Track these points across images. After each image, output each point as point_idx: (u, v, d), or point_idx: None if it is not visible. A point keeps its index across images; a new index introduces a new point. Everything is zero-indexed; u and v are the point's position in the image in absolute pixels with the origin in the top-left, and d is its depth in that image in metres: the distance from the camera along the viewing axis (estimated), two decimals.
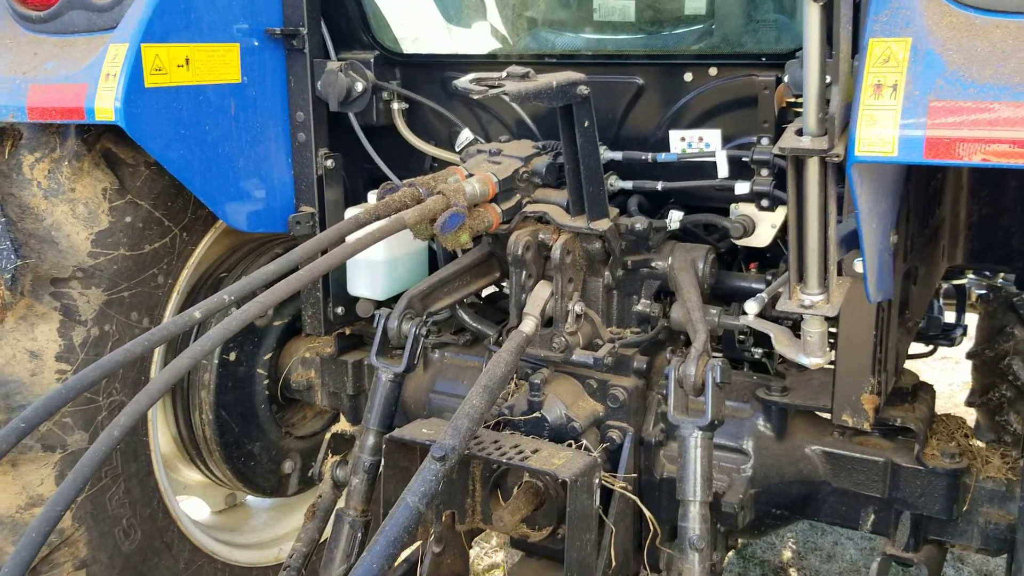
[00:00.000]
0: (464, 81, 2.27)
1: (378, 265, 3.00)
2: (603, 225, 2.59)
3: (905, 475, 2.54)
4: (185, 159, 2.66)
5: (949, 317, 4.29)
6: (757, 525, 2.78)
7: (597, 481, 2.42)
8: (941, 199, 3.17)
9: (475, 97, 2.23)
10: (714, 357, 2.38)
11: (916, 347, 4.43)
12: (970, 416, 3.40)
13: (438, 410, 3.06)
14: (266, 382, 3.46)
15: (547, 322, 2.69)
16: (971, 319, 4.66)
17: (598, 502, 2.43)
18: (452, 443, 2.21)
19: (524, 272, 2.68)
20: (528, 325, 2.60)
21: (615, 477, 2.58)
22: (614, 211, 2.67)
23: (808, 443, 2.67)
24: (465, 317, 3.02)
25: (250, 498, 3.98)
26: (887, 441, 2.64)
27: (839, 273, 1.95)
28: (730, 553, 4.68)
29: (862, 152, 1.62)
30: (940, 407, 2.80)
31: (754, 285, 2.81)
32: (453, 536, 2.74)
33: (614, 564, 2.51)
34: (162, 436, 3.49)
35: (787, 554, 4.71)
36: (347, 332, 3.36)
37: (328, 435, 3.14)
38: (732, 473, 2.71)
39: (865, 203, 1.74)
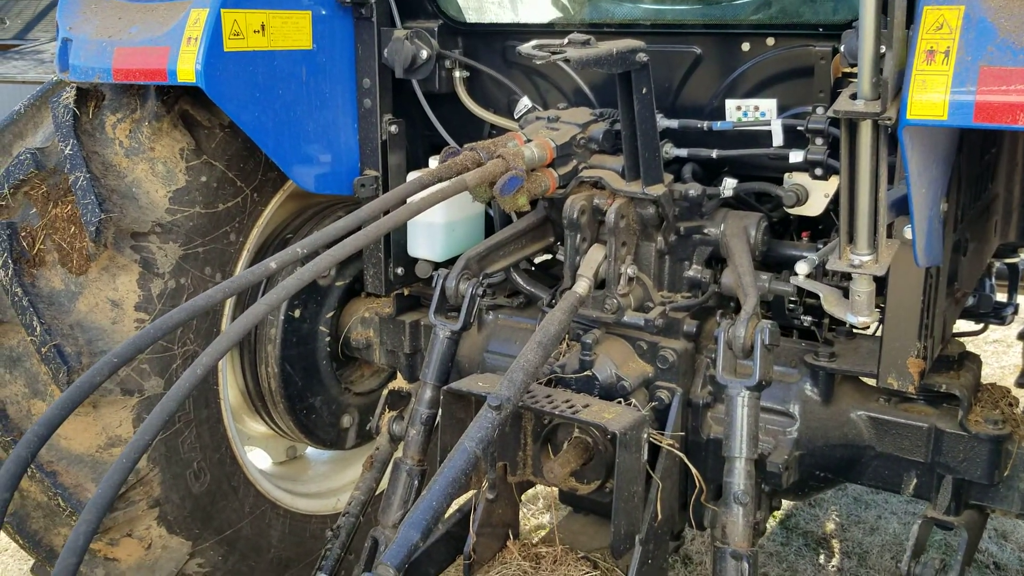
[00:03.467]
0: (527, 47, 2.36)
1: (437, 228, 3.12)
2: (657, 191, 2.67)
3: (948, 440, 2.60)
4: (259, 121, 2.80)
5: (1002, 297, 4.30)
6: (801, 487, 2.85)
7: (645, 436, 2.51)
8: (995, 174, 3.19)
9: (538, 63, 2.32)
10: (764, 320, 2.46)
11: (967, 325, 4.45)
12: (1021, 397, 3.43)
13: (491, 369, 3.17)
14: (328, 339, 3.60)
15: (600, 284, 2.78)
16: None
17: (645, 457, 2.53)
18: (507, 394, 2.33)
19: (579, 235, 2.77)
20: (581, 286, 2.69)
21: (662, 435, 2.67)
22: (668, 178, 2.75)
23: (854, 408, 2.74)
24: (519, 280, 3.12)
25: (309, 451, 4.16)
26: (931, 407, 2.69)
27: (888, 236, 2.01)
28: (773, 521, 4.75)
29: (913, 116, 1.68)
30: None
31: (805, 253, 2.86)
32: (505, 487, 2.85)
33: (659, 517, 2.60)
34: (230, 388, 3.66)
35: (830, 526, 4.77)
36: (405, 293, 3.49)
37: (386, 391, 3.28)
38: (778, 435, 2.78)
39: (915, 167, 1.80)
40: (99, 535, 2.94)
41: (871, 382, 2.74)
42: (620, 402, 2.71)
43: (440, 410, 2.65)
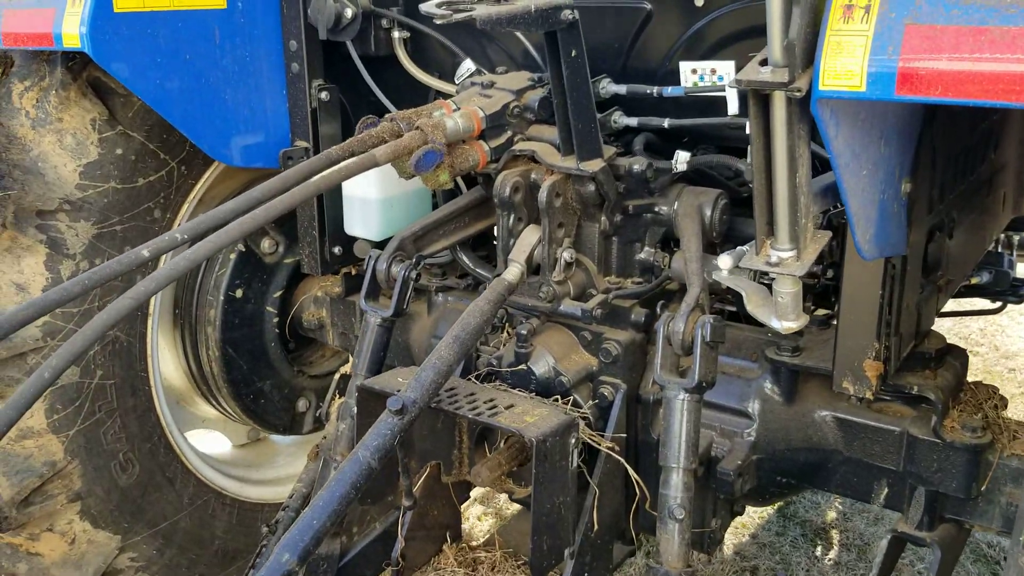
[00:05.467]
0: (430, 5, 2.08)
1: (372, 204, 2.87)
2: (594, 166, 2.38)
3: (921, 448, 2.30)
4: (162, 89, 2.56)
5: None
6: (761, 493, 2.59)
7: (573, 442, 2.26)
8: (999, 142, 2.84)
9: (438, 22, 2.05)
10: (710, 313, 2.18)
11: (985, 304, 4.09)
12: None
13: None
14: (276, 320, 3.40)
15: (536, 269, 2.52)
16: None
17: (575, 463, 2.28)
18: (413, 396, 2.10)
19: (513, 215, 2.50)
20: (511, 273, 2.43)
21: (602, 436, 2.41)
22: (611, 150, 2.45)
23: (819, 408, 2.45)
24: (466, 260, 2.87)
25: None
26: (908, 409, 2.40)
27: (824, 227, 1.71)
28: (770, 508, 4.48)
29: (827, 86, 1.38)
30: None
31: None
32: (440, 488, 2.64)
33: (596, 528, 2.36)
34: (175, 371, 3.48)
35: (831, 514, 4.48)
36: (353, 272, 3.26)
37: (337, 376, 3.08)
38: (734, 437, 2.51)
39: (844, 146, 1.50)
40: (17, 529, 2.79)
41: None
42: (557, 399, 2.47)
43: (355, 408, 2.43)
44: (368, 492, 2.52)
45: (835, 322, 2.21)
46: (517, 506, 4.14)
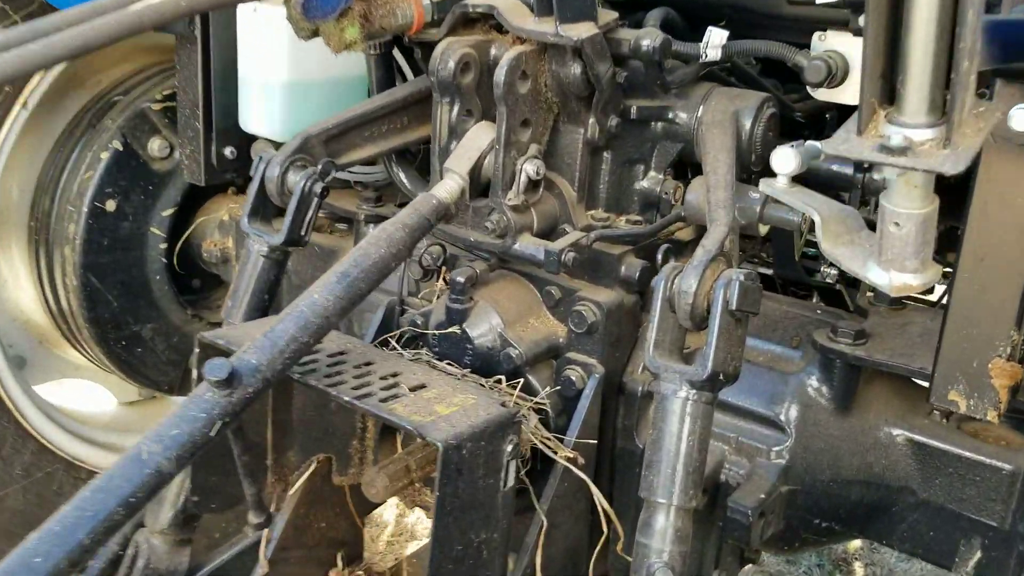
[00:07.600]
0: None
1: (276, 90, 2.06)
2: (581, 31, 1.56)
3: None
4: None
5: None
6: (788, 539, 1.81)
7: (511, 448, 1.46)
8: None
9: None
10: (733, 268, 1.40)
11: None
12: None
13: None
14: (164, 246, 2.61)
15: (486, 188, 1.72)
16: None
17: (511, 480, 1.49)
18: (254, 361, 1.33)
19: (457, 105, 1.70)
20: (446, 187, 1.64)
21: (560, 440, 1.63)
22: (610, 14, 1.64)
23: (887, 423, 1.69)
24: (401, 176, 2.09)
25: None
26: (1018, 436, 1.63)
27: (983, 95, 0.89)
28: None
29: None
30: None
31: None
32: (330, 491, 1.87)
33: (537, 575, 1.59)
34: (34, 302, 2.71)
35: (855, 542, 3.72)
36: None
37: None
38: (757, 456, 1.73)
39: None
40: None
41: (923, 384, 1.66)
42: (500, 381, 1.68)
43: (194, 370, 1.66)
44: (209, 495, 1.76)
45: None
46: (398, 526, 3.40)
